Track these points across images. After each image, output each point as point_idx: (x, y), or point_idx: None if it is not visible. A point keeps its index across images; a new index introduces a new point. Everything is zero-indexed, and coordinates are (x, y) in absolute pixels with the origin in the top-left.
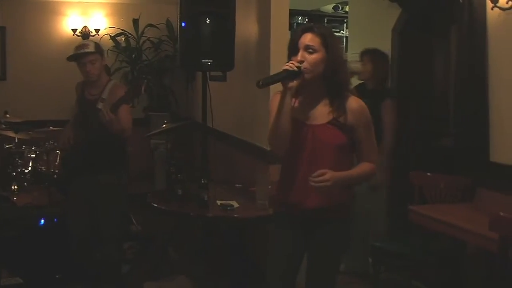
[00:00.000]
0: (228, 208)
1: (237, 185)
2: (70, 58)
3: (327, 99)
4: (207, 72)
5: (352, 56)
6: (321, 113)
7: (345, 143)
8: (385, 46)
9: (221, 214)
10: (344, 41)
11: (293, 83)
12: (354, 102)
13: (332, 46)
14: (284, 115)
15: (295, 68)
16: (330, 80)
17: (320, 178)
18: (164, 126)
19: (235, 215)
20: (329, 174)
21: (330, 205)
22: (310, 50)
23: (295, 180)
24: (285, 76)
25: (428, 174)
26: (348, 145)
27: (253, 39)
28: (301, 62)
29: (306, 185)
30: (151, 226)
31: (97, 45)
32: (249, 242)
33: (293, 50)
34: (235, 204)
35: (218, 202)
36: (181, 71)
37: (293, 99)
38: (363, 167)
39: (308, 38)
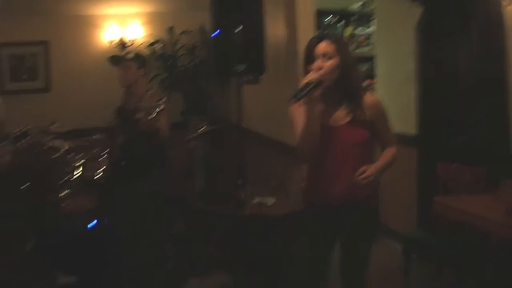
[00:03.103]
0: (264, 205)
1: (272, 183)
2: (109, 60)
3: (344, 100)
4: (240, 77)
5: (380, 54)
6: (342, 114)
7: (368, 138)
8: (409, 43)
9: (257, 212)
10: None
11: (317, 92)
12: (369, 98)
13: (344, 52)
14: (315, 125)
15: (315, 80)
16: (345, 82)
17: (365, 175)
18: (201, 129)
19: (270, 212)
20: (370, 169)
21: (357, 199)
22: (327, 57)
23: (322, 179)
24: (311, 88)
25: (454, 165)
26: (370, 139)
27: (282, 42)
28: (319, 69)
29: (332, 183)
30: (192, 225)
31: (138, 55)
32: (284, 237)
33: (309, 58)
34: (271, 201)
35: (254, 201)
36: (215, 75)
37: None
38: (389, 153)
39: (323, 46)
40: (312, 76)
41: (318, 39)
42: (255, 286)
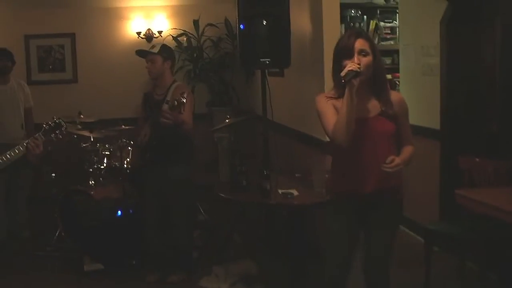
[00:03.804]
0: (289, 196)
1: (297, 174)
2: (136, 53)
3: (374, 94)
4: (266, 70)
5: (404, 48)
6: (372, 107)
7: (395, 131)
8: (433, 37)
9: (282, 202)
10: (397, 31)
11: (357, 82)
12: (396, 95)
13: (376, 49)
14: (353, 111)
15: (357, 69)
16: (377, 77)
17: (394, 164)
18: (227, 120)
19: (295, 202)
20: (398, 159)
21: (385, 188)
22: (364, 54)
23: (355, 169)
24: (354, 75)
25: (477, 159)
26: (395, 133)
27: (307, 35)
28: (359, 64)
29: (365, 172)
30: (216, 214)
31: (164, 48)
32: (308, 226)
33: (346, 53)
34: (295, 192)
35: (279, 191)
36: (240, 67)
37: (335, 100)
38: (409, 150)
39: (361, 43)
40: (353, 66)
41: (356, 36)
42: (280, 274)
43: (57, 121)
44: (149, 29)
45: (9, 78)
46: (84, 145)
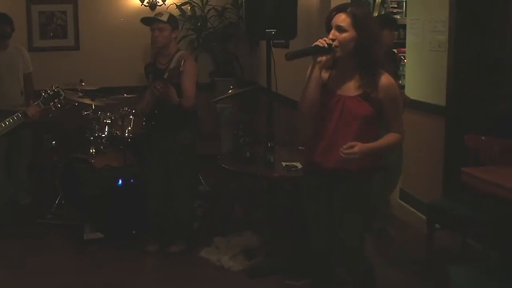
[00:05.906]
0: (292, 168)
1: (300, 147)
2: (143, 20)
3: (359, 74)
4: (271, 40)
5: (412, 22)
6: (353, 86)
7: (372, 115)
8: (442, 12)
9: (285, 175)
10: (404, 5)
11: (322, 58)
12: (384, 79)
13: (362, 26)
14: (311, 85)
15: (326, 44)
16: (361, 57)
17: (350, 151)
18: (230, 91)
19: (299, 175)
20: (358, 147)
21: (348, 168)
22: (341, 30)
23: (321, 143)
24: (314, 51)
25: (483, 137)
26: (374, 117)
27: (314, 6)
28: (333, 40)
29: (328, 148)
30: (217, 185)
31: (172, 17)
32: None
33: (327, 28)
34: (299, 165)
35: (283, 163)
36: (245, 37)
37: (323, 71)
38: (389, 137)
39: (340, 19)
40: (322, 42)
41: (336, 11)
42: (282, 247)
43: (55, 90)
44: None
45: (7, 44)
46: (85, 113)
